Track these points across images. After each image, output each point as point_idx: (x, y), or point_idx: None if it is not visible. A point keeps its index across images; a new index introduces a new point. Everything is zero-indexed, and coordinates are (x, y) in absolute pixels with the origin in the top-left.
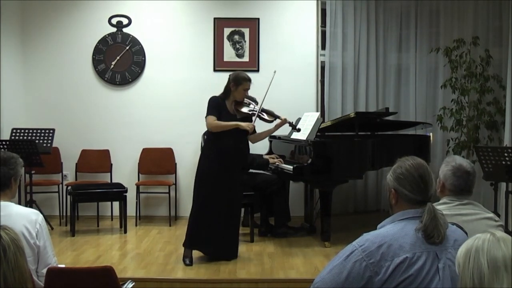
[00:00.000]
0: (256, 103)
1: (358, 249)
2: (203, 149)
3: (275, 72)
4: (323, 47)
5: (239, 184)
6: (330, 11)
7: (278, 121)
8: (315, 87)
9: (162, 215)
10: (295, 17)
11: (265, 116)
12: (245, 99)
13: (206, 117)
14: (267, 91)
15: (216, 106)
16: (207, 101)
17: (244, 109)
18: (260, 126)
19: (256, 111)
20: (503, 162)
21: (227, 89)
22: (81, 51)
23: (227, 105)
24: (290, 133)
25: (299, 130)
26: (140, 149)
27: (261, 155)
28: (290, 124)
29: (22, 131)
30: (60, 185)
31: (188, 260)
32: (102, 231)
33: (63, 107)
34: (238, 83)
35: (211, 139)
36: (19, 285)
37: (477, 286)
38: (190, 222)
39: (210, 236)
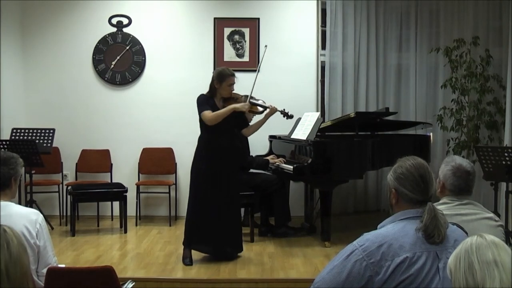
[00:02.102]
0: (246, 96)
1: (359, 249)
2: (196, 148)
3: (266, 46)
4: (323, 47)
5: (236, 182)
6: (330, 11)
7: (268, 111)
8: (315, 87)
9: (162, 215)
10: (295, 17)
11: (254, 109)
12: (233, 94)
13: (200, 114)
14: (257, 73)
15: (206, 102)
16: (196, 100)
17: (233, 104)
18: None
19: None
20: (503, 162)
21: (212, 87)
22: (81, 51)
23: (216, 103)
24: (290, 133)
25: (291, 116)
26: (140, 149)
27: (262, 156)
28: (282, 112)
29: (22, 131)
30: (60, 185)
31: (188, 260)
32: (102, 231)
33: (63, 107)
34: (221, 80)
35: (204, 138)
36: (19, 279)
37: (471, 285)
38: (187, 221)
39: (210, 235)
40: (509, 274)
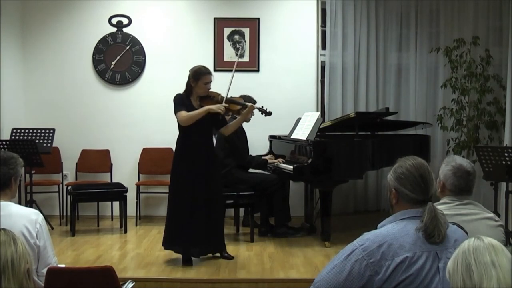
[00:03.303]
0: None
1: (359, 249)
2: (175, 149)
3: (238, 56)
4: (323, 47)
5: (216, 182)
6: (330, 11)
7: (246, 109)
8: (315, 87)
9: (162, 215)
10: (295, 17)
11: (232, 107)
12: (210, 92)
13: (175, 114)
14: (232, 77)
15: (182, 103)
16: (172, 100)
17: (210, 104)
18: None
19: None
20: (503, 162)
21: (188, 86)
22: (81, 51)
23: (192, 102)
24: (290, 133)
25: (270, 113)
26: (140, 149)
27: (261, 156)
28: (260, 109)
29: (22, 131)
30: (60, 185)
31: (187, 261)
32: (102, 231)
33: (63, 107)
34: (197, 78)
35: (181, 138)
36: (23, 275)
37: (468, 286)
38: (167, 223)
39: (191, 236)
40: (506, 274)
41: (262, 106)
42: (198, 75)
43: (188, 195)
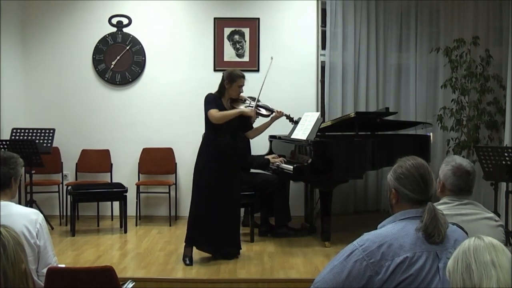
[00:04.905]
0: (253, 99)
1: (359, 249)
2: (200, 147)
3: (272, 58)
4: (323, 47)
5: (237, 181)
6: (330, 11)
7: (274, 114)
8: (315, 87)
9: (162, 215)
10: (295, 17)
11: (262, 111)
12: (240, 96)
13: (207, 111)
14: (264, 81)
15: (214, 101)
16: (204, 99)
17: (241, 106)
18: (257, 122)
19: (252, 106)
20: (503, 162)
21: (221, 87)
22: (81, 51)
23: (223, 103)
24: (290, 133)
25: (297, 122)
26: (140, 149)
27: (262, 156)
28: (287, 116)
29: (22, 131)
30: (60, 185)
31: (188, 260)
32: (102, 231)
33: (63, 107)
34: (232, 80)
35: (207, 137)
36: (19, 280)
37: (468, 286)
38: (190, 221)
39: (210, 235)
40: (506, 274)
41: (289, 114)
42: (234, 78)
43: (210, 193)
